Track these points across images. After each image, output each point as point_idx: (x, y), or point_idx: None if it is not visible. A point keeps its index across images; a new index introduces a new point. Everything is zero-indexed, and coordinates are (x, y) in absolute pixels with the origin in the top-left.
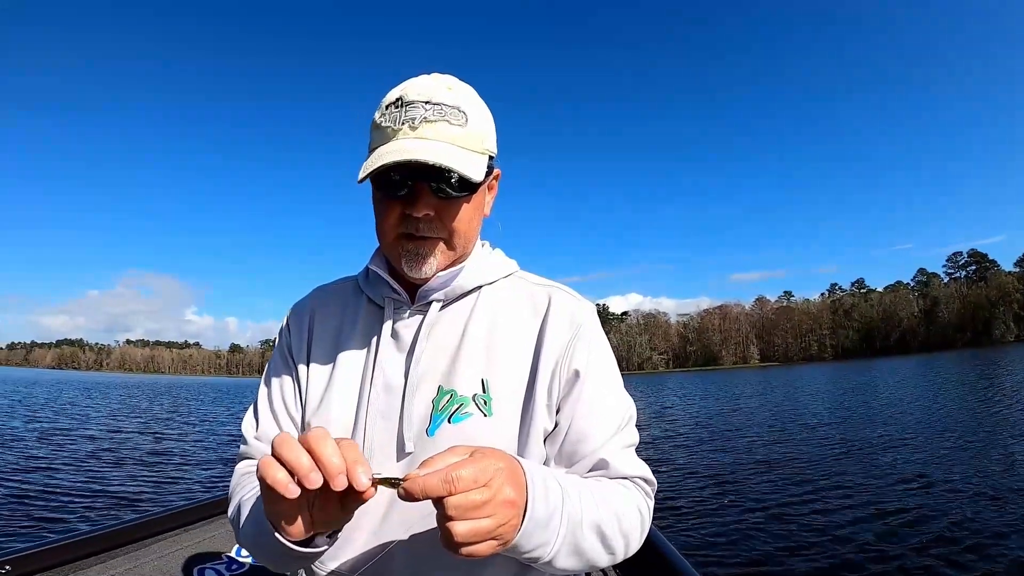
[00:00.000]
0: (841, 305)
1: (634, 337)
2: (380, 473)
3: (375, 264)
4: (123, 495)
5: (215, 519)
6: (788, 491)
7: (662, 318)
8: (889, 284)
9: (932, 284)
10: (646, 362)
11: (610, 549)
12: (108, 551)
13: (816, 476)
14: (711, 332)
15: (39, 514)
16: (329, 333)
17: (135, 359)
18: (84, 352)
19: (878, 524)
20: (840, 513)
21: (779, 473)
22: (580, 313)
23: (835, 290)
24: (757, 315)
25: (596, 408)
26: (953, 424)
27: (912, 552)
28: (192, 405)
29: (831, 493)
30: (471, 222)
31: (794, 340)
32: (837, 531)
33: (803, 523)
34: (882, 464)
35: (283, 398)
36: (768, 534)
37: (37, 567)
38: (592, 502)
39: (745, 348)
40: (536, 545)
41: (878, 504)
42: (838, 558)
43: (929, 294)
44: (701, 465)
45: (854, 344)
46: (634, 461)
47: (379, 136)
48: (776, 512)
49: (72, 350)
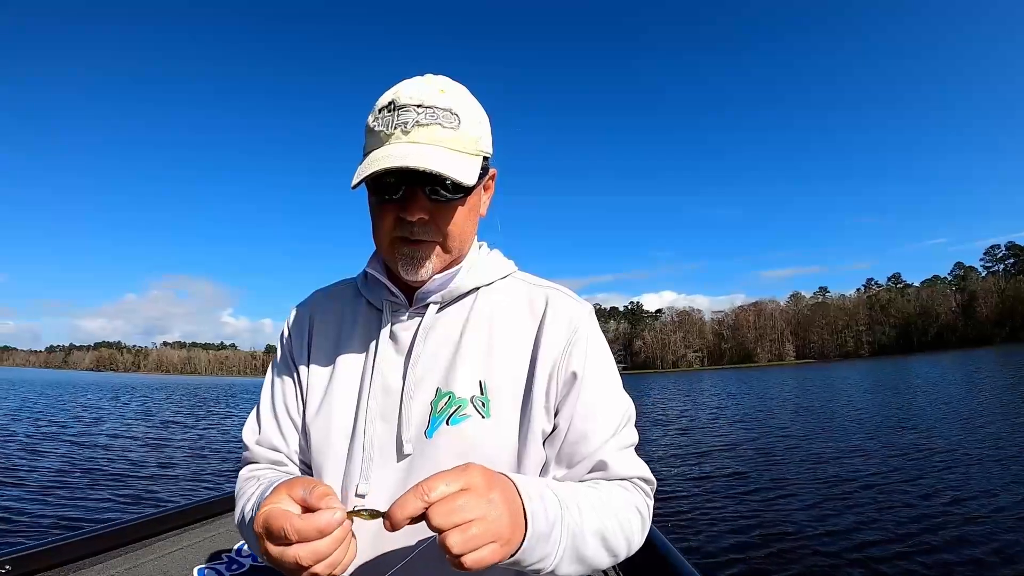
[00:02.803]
0: (877, 300)
1: (668, 335)
2: (359, 505)
3: (373, 267)
4: (122, 495)
5: (215, 519)
6: (814, 501)
7: (696, 315)
8: (926, 279)
9: (969, 278)
10: (680, 360)
11: (612, 552)
12: (108, 551)
13: (848, 482)
14: (746, 329)
15: (39, 514)
16: (328, 337)
17: (172, 361)
18: (122, 354)
19: (887, 529)
20: (856, 519)
21: (803, 479)
22: (578, 315)
23: (871, 285)
24: (792, 311)
25: (594, 410)
26: (993, 428)
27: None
28: (209, 405)
29: (861, 500)
30: (466, 224)
31: (830, 337)
32: (850, 538)
33: (812, 527)
34: (905, 469)
35: (284, 403)
36: (774, 537)
37: (37, 567)
38: (591, 508)
39: (780, 345)
40: (539, 558)
41: (891, 508)
42: (853, 564)
43: (967, 288)
44: (715, 465)
45: (890, 340)
46: (633, 461)
47: (373, 140)
48: (787, 515)
49: (110, 352)
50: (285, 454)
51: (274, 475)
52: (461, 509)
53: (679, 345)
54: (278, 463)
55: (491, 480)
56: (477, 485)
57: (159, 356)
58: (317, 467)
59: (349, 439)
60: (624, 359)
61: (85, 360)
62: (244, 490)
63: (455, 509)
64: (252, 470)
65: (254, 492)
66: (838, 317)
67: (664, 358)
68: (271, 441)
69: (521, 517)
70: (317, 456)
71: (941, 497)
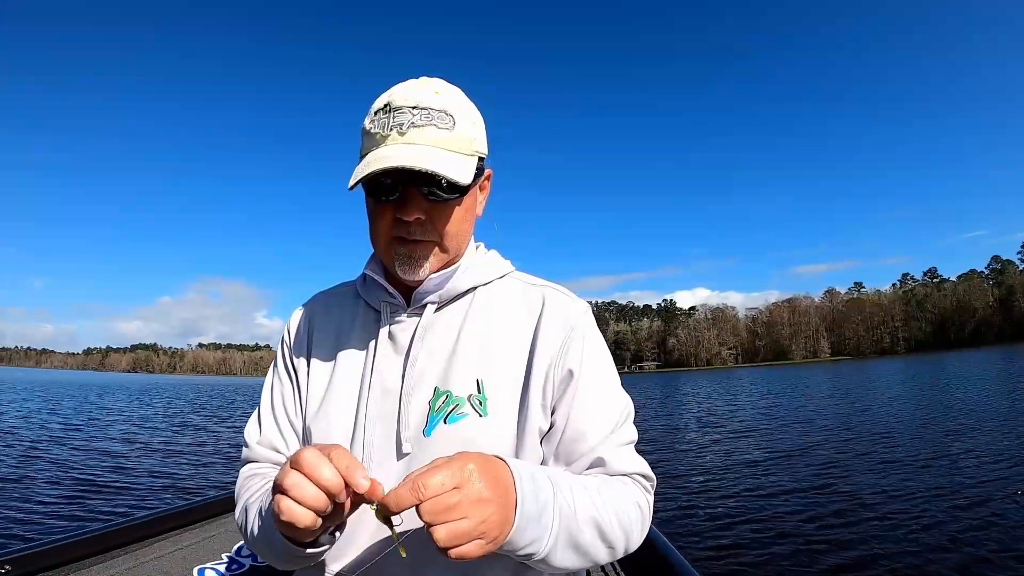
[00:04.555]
0: (914, 296)
1: (702, 332)
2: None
3: (371, 269)
4: (123, 495)
5: (215, 519)
6: (832, 505)
7: (730, 312)
8: (962, 273)
9: (1007, 272)
10: (714, 358)
11: (609, 543)
12: (108, 551)
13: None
14: (780, 326)
15: (40, 514)
16: (328, 338)
17: (207, 362)
18: (158, 356)
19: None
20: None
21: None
22: (574, 313)
23: (907, 280)
24: (827, 308)
25: (591, 407)
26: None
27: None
28: (236, 406)
29: (883, 504)
30: (462, 224)
31: (866, 333)
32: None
33: (825, 533)
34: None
35: (284, 404)
36: (783, 541)
37: (37, 567)
38: (586, 496)
39: (815, 342)
40: (529, 540)
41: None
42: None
43: (1004, 282)
44: (731, 465)
45: (927, 336)
46: (632, 458)
47: (369, 142)
48: (800, 521)
49: (146, 354)
50: (285, 455)
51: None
52: (452, 508)
53: (713, 343)
54: (279, 464)
55: (485, 467)
56: (471, 479)
57: (194, 357)
58: None
59: (349, 439)
60: (657, 357)
61: (122, 362)
62: (249, 485)
63: (446, 507)
64: (254, 468)
65: (262, 486)
66: (873, 313)
67: (698, 356)
68: (272, 442)
69: (513, 502)
70: None
71: (980, 509)
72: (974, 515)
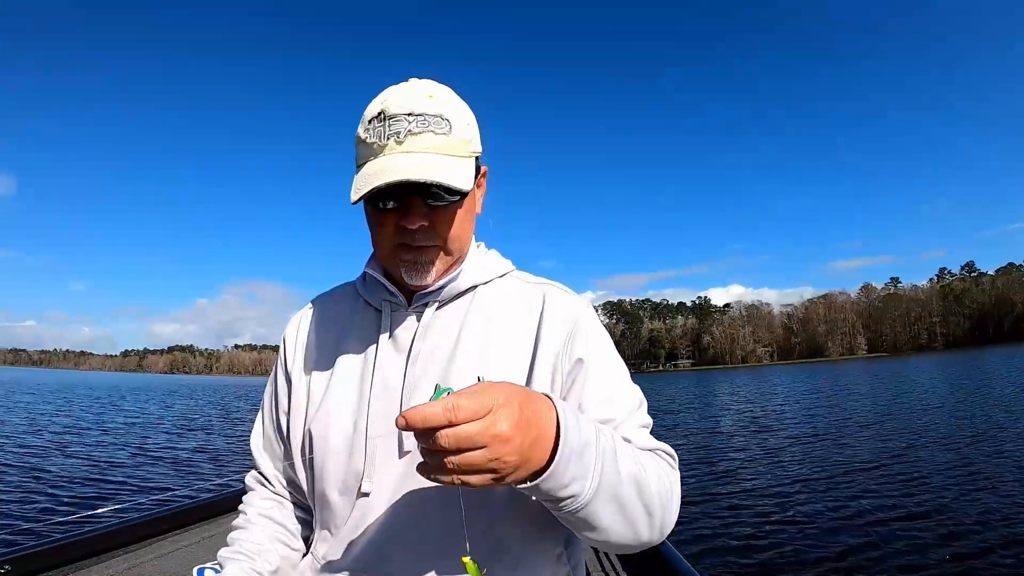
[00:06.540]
0: (951, 290)
1: (737, 330)
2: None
3: (371, 268)
4: (123, 495)
5: (215, 519)
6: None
7: (765, 309)
8: (1001, 266)
9: None
10: (749, 355)
11: (648, 507)
12: (108, 551)
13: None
14: (816, 323)
15: (40, 514)
16: (329, 339)
17: (243, 363)
18: (194, 357)
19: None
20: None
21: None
22: (575, 308)
23: (944, 275)
24: (863, 304)
25: (607, 390)
26: None
27: None
28: (232, 404)
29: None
30: (465, 225)
31: (903, 329)
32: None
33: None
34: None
35: (277, 412)
36: (796, 545)
37: (37, 567)
38: (627, 448)
39: (852, 339)
40: (572, 478)
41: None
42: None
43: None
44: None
45: (965, 332)
46: (653, 439)
47: (365, 151)
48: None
49: (183, 356)
50: (276, 465)
51: (258, 538)
52: (470, 438)
53: (748, 340)
54: (276, 474)
55: (525, 402)
56: (492, 420)
57: (231, 358)
58: (320, 466)
59: (351, 438)
60: (692, 355)
61: (159, 363)
62: (240, 536)
63: (467, 437)
64: (250, 517)
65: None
66: (911, 308)
67: (733, 353)
68: (272, 448)
69: (551, 438)
70: (320, 455)
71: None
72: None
